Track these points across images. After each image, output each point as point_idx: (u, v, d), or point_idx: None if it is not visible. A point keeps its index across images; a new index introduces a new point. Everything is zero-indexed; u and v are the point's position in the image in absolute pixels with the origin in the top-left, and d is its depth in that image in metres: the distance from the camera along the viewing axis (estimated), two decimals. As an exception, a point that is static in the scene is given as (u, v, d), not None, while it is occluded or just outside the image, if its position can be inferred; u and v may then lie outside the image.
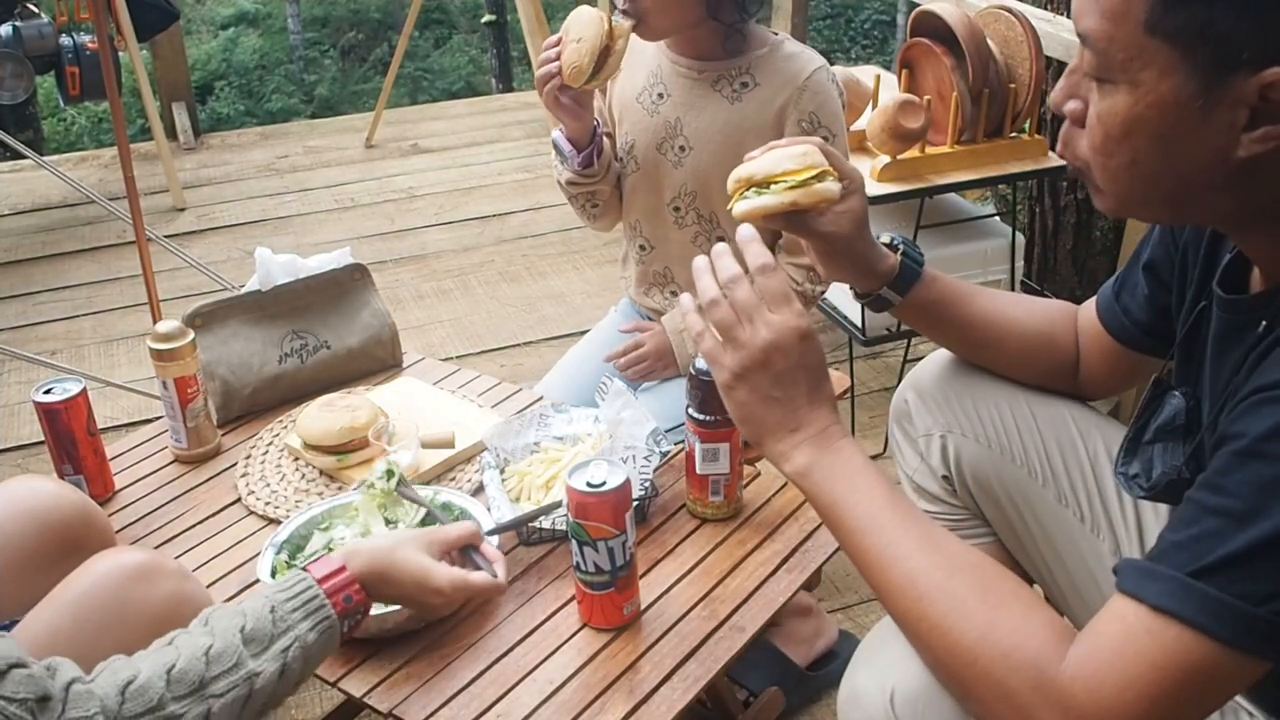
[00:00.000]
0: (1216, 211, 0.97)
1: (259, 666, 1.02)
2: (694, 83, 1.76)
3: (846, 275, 1.32)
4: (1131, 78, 0.89)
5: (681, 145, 1.77)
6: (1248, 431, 0.86)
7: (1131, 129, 0.91)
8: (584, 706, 1.20)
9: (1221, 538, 0.85)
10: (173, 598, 1.17)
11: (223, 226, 3.82)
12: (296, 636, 1.06)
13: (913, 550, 0.98)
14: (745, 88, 1.73)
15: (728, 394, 1.08)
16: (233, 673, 1.00)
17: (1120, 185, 0.95)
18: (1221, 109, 0.87)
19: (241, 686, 1.00)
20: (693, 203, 1.79)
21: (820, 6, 13.45)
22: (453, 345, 3.05)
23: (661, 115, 1.79)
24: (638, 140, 1.82)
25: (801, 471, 1.05)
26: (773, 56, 1.73)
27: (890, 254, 1.32)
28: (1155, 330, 1.24)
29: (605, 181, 1.86)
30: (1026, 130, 2.45)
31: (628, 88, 1.84)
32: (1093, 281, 2.81)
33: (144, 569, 1.17)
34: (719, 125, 1.74)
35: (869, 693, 1.02)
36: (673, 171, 1.80)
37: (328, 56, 13.57)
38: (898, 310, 1.34)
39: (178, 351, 1.61)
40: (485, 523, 1.39)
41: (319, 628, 1.08)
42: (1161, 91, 0.88)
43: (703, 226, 1.81)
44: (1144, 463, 1.14)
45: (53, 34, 3.87)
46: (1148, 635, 0.87)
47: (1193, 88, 0.87)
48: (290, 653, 1.05)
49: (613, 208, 1.93)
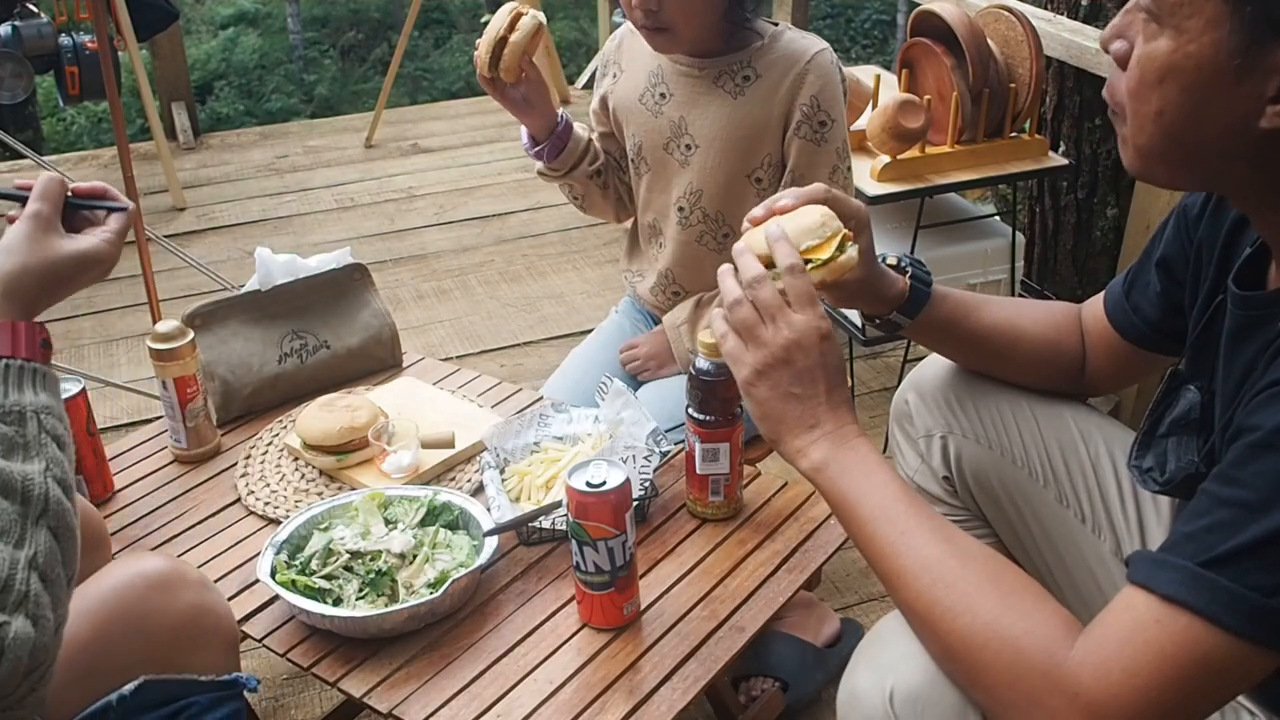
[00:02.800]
0: (1235, 182, 0.97)
1: (36, 465, 0.94)
2: (696, 80, 1.75)
3: (857, 304, 1.33)
4: (1178, 23, 0.89)
5: (687, 144, 1.77)
6: (1262, 424, 0.87)
7: (1165, 76, 0.91)
8: (584, 706, 1.20)
9: (1233, 528, 0.85)
10: (193, 608, 1.15)
11: (222, 226, 3.82)
12: (35, 409, 0.97)
13: (926, 539, 0.99)
14: (747, 81, 1.72)
15: (748, 391, 1.10)
16: (29, 488, 0.92)
17: (1145, 135, 0.95)
18: (1254, 75, 0.87)
19: (47, 487, 0.93)
20: (698, 202, 1.79)
21: (820, 6, 13.45)
22: (453, 345, 3.05)
23: (666, 115, 1.78)
24: (644, 142, 1.82)
25: (817, 466, 1.07)
26: (773, 46, 1.72)
27: (899, 278, 1.31)
28: (1166, 328, 1.24)
29: (575, 177, 1.86)
30: (1026, 130, 2.45)
31: (628, 89, 1.84)
32: (1093, 281, 2.81)
33: (166, 578, 1.15)
34: (724, 122, 1.73)
35: (868, 692, 1.02)
36: (680, 171, 1.79)
37: (327, 56, 13.57)
38: (906, 330, 1.34)
39: (177, 351, 1.61)
40: (485, 523, 1.39)
41: (40, 384, 0.99)
42: (1203, 43, 0.88)
43: (708, 226, 1.80)
44: (1158, 456, 1.14)
45: (52, 34, 3.87)
46: (1157, 624, 0.87)
47: (1233, 46, 0.87)
48: (46, 422, 0.97)
49: (596, 203, 1.94)
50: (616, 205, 1.97)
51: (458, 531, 1.42)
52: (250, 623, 1.35)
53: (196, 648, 1.15)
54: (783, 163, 1.74)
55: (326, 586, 1.33)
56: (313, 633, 1.32)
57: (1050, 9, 2.69)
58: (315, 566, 1.35)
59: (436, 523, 1.42)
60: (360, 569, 1.34)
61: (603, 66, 1.92)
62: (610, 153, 1.92)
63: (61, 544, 0.93)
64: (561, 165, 1.83)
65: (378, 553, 1.35)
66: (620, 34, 1.89)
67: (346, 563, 1.35)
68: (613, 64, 1.89)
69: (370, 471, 1.59)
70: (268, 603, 1.37)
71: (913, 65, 2.43)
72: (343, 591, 1.32)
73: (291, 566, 1.35)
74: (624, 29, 1.89)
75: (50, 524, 0.92)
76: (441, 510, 1.43)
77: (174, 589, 1.15)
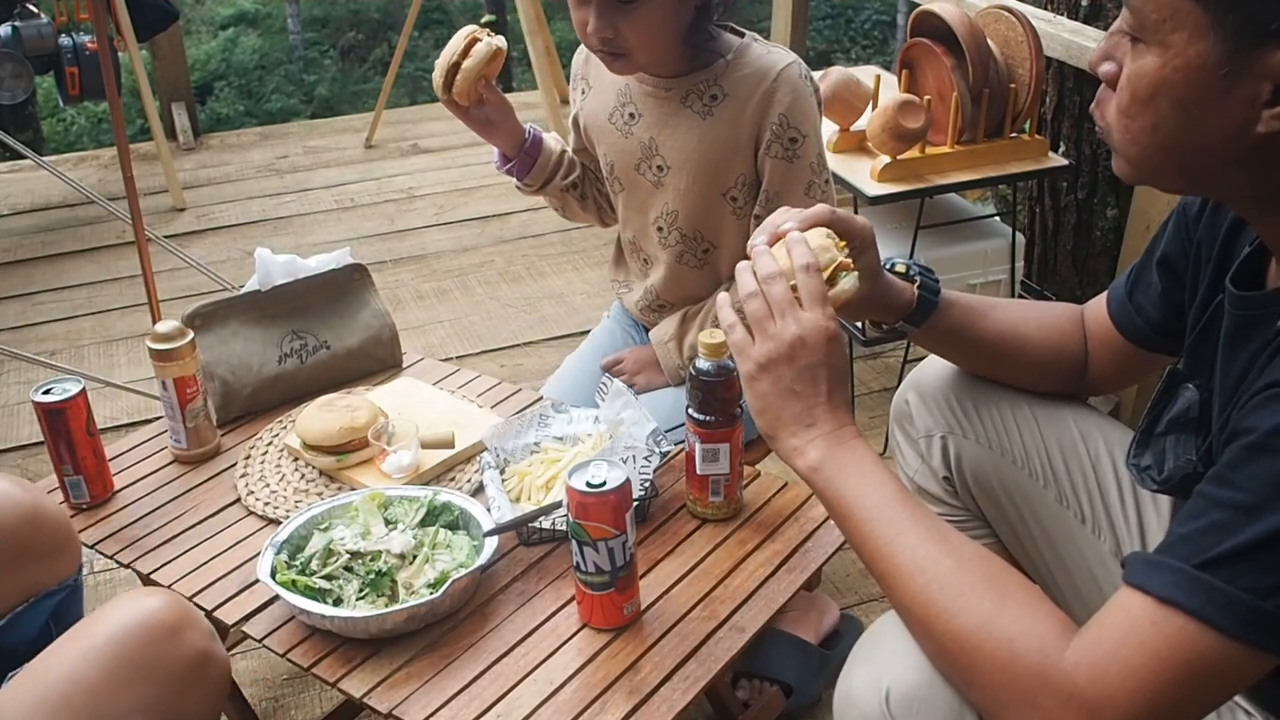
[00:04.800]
0: (1234, 188, 0.97)
1: None
2: (663, 101, 1.72)
3: (864, 316, 1.33)
4: (1162, 39, 0.89)
5: (659, 165, 1.74)
6: (1258, 426, 0.86)
7: (1156, 92, 0.91)
8: (584, 706, 1.20)
9: (1229, 530, 0.85)
10: (200, 657, 1.13)
11: (222, 226, 3.82)
12: None
13: (922, 539, 0.99)
14: (715, 100, 1.68)
15: (750, 384, 1.11)
16: None
17: (1140, 150, 0.96)
18: (1246, 81, 0.87)
19: None
20: (675, 222, 1.76)
21: (820, 6, 13.45)
22: (453, 345, 3.05)
23: (635, 136, 1.75)
24: (616, 162, 1.80)
25: (814, 466, 1.07)
26: (739, 63, 1.67)
27: (906, 286, 1.31)
28: (1168, 328, 1.24)
29: (550, 191, 1.86)
30: (1026, 130, 2.45)
31: (598, 108, 1.81)
32: (1093, 281, 2.81)
33: (176, 625, 1.13)
34: (694, 144, 1.70)
35: (864, 692, 1.02)
36: (654, 191, 1.77)
37: (327, 57, 13.57)
38: (912, 337, 1.35)
39: (177, 352, 1.61)
40: (485, 523, 1.39)
41: None
42: (1189, 56, 0.88)
43: (687, 245, 1.78)
44: (1156, 455, 1.14)
45: (52, 34, 3.87)
46: (1152, 626, 0.87)
47: (1219, 55, 0.87)
48: None
49: (577, 213, 1.95)
50: (598, 213, 1.96)
51: (458, 532, 1.42)
52: (250, 623, 1.35)
53: (195, 696, 1.14)
54: (757, 181, 1.71)
55: (326, 587, 1.33)
56: (313, 633, 1.32)
57: (1050, 9, 2.69)
58: (315, 567, 1.35)
59: (436, 523, 1.42)
60: (360, 569, 1.34)
61: (572, 82, 1.89)
62: (588, 166, 1.91)
63: None
64: (534, 181, 1.84)
65: (378, 553, 1.35)
66: (586, 50, 1.82)
67: (346, 563, 1.35)
68: (580, 79, 1.86)
69: (370, 472, 1.59)
70: (268, 603, 1.37)
71: (913, 65, 2.43)
72: (343, 592, 1.32)
73: (291, 567, 1.35)
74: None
75: None
76: (441, 510, 1.43)
77: (182, 634, 1.13)
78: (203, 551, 1.48)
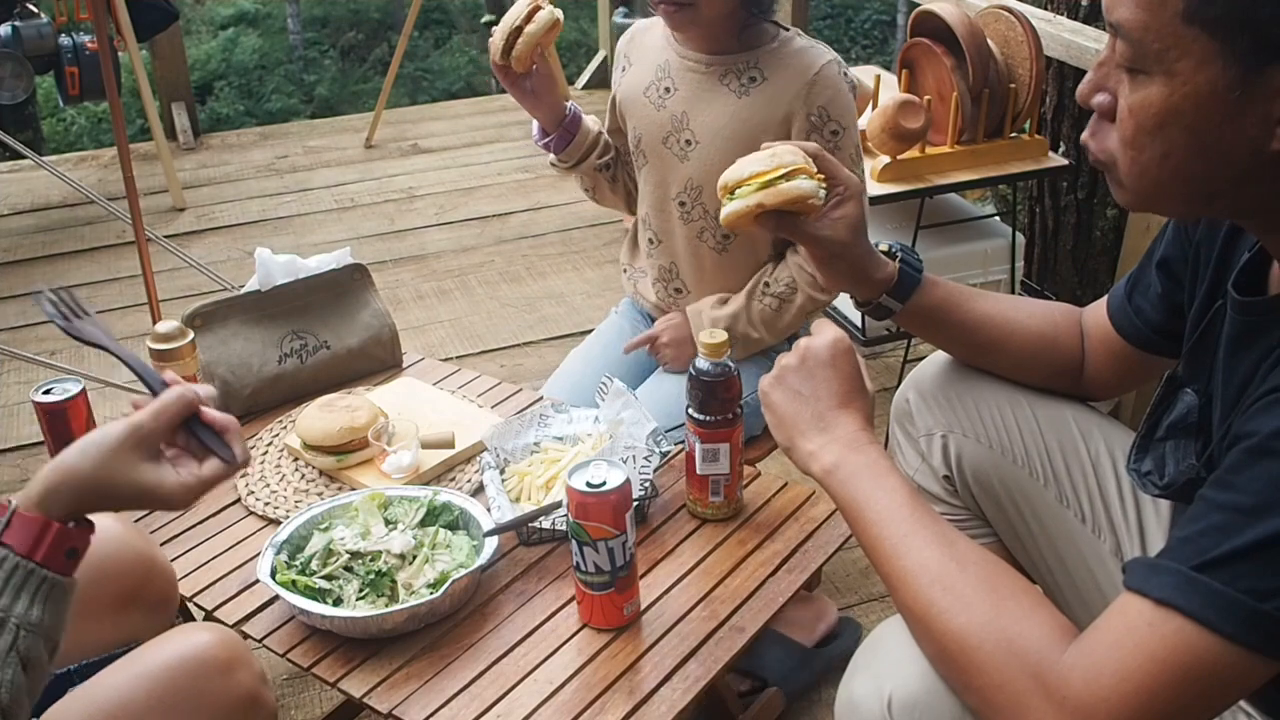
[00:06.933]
0: (1244, 206, 0.96)
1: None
2: (702, 77, 1.76)
3: (845, 283, 1.33)
4: (1167, 68, 0.88)
5: (687, 139, 1.77)
6: (1259, 430, 0.86)
7: (1165, 121, 0.90)
8: (584, 706, 1.20)
9: (1228, 532, 0.85)
10: (248, 697, 1.13)
11: (222, 226, 3.82)
12: (19, 623, 0.92)
13: (928, 542, 1.00)
14: (753, 82, 1.72)
15: (765, 398, 1.16)
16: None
17: (1149, 179, 0.94)
18: (1258, 101, 0.86)
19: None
20: (698, 198, 1.79)
21: (820, 6, 13.45)
22: (453, 345, 3.05)
23: (668, 109, 1.78)
24: (644, 134, 1.83)
25: (828, 469, 1.09)
26: (782, 51, 1.72)
27: (889, 262, 1.32)
28: (1168, 330, 1.23)
29: (583, 169, 1.89)
30: (1026, 130, 2.45)
31: (635, 83, 1.84)
32: (1093, 282, 2.81)
33: (229, 663, 1.13)
34: (726, 120, 1.73)
35: (866, 699, 1.02)
36: (678, 166, 1.79)
37: (327, 56, 13.57)
38: (898, 317, 1.35)
39: (177, 351, 1.61)
40: (485, 523, 1.39)
41: (41, 596, 0.94)
42: (1198, 82, 0.87)
43: (708, 223, 1.80)
44: (1156, 460, 1.14)
45: (52, 34, 3.87)
46: (1149, 628, 0.86)
47: (1230, 78, 0.86)
48: (22, 643, 0.92)
49: (606, 195, 1.97)
50: (626, 199, 1.98)
51: (458, 532, 1.42)
52: (250, 623, 1.35)
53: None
54: None
55: (326, 587, 1.33)
56: (313, 633, 1.32)
57: (1050, 9, 2.69)
58: (315, 567, 1.35)
59: (436, 523, 1.42)
60: (360, 569, 1.34)
61: (615, 61, 1.94)
62: (620, 148, 1.94)
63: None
64: (570, 157, 1.86)
65: (378, 553, 1.35)
66: (633, 30, 1.91)
67: (346, 563, 1.35)
68: (623, 57, 1.91)
69: (370, 472, 1.59)
70: (268, 603, 1.37)
71: (913, 65, 2.43)
72: (343, 592, 1.32)
73: (292, 567, 1.35)
74: (636, 25, 1.91)
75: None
76: (441, 510, 1.43)
77: (234, 673, 1.13)
78: (203, 551, 1.48)
